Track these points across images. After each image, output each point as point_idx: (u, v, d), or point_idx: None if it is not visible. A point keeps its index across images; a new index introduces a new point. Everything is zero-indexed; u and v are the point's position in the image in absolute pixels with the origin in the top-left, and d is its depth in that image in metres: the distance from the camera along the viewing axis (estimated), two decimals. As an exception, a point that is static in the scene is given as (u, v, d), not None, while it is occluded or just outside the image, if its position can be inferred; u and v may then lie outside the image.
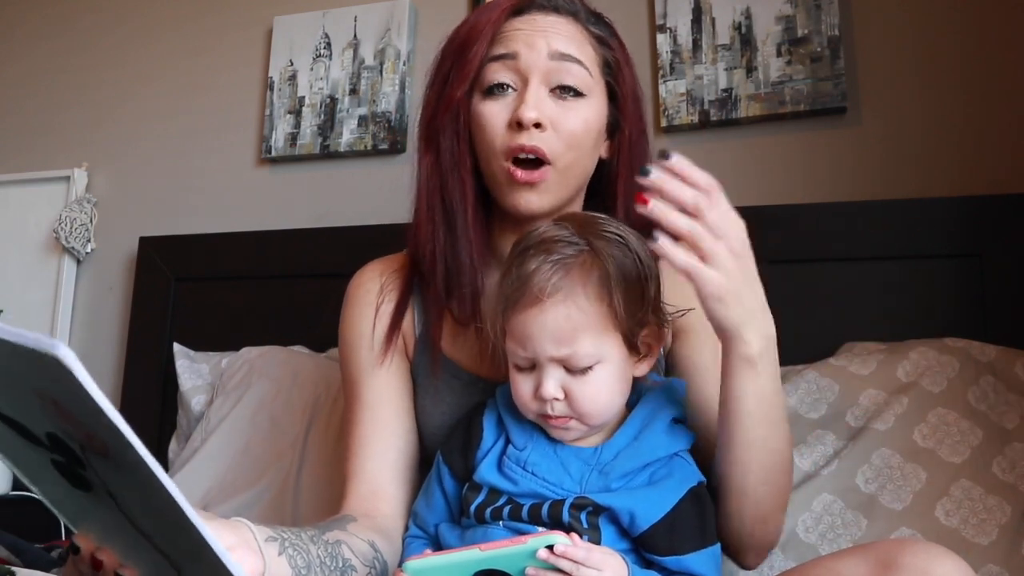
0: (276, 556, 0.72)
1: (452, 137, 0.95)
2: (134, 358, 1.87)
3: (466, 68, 0.93)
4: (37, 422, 0.48)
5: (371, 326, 1.02)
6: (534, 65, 0.92)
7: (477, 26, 0.94)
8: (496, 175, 0.93)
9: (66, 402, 0.43)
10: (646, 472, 0.80)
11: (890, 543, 0.73)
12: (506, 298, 0.80)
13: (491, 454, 0.85)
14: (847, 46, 1.57)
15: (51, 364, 0.39)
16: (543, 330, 0.76)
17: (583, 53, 0.94)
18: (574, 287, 0.76)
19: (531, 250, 0.79)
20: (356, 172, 1.88)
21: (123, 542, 0.57)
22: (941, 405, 1.18)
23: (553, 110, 0.92)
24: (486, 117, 0.93)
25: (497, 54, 0.93)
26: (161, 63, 2.11)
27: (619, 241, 0.80)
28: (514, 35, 0.93)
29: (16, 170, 2.16)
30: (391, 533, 0.92)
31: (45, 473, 0.53)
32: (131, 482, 0.48)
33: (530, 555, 0.67)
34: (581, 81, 0.93)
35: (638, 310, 0.79)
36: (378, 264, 1.08)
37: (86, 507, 0.55)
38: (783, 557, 1.12)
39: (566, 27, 0.95)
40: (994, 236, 1.36)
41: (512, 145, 0.91)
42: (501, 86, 0.93)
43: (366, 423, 0.99)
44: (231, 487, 1.43)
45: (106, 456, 0.47)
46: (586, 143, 0.94)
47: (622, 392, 0.81)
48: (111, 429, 0.43)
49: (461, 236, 0.96)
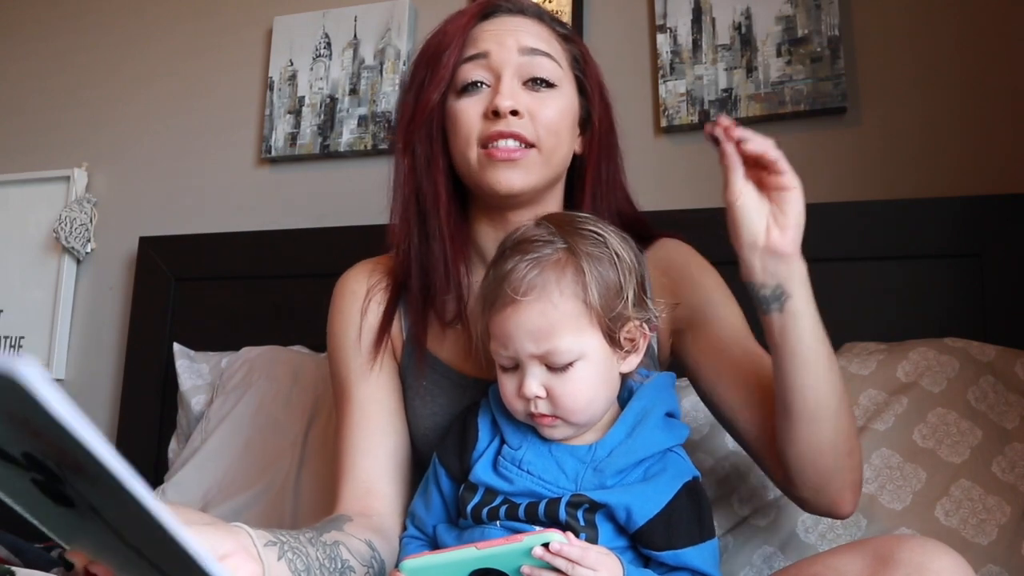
0: (275, 561, 0.72)
1: (426, 140, 0.97)
2: (134, 358, 1.87)
3: (440, 73, 0.95)
4: (13, 442, 0.47)
5: (358, 329, 1.03)
6: (506, 61, 0.94)
7: (448, 33, 0.97)
8: (471, 163, 0.94)
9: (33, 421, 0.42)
10: (641, 468, 0.81)
11: (887, 539, 0.73)
12: (485, 298, 0.82)
13: (486, 454, 0.85)
14: (847, 46, 1.57)
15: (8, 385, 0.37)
16: (520, 328, 0.77)
17: (551, 48, 0.97)
18: (548, 284, 0.77)
19: (508, 250, 0.81)
20: (356, 172, 1.88)
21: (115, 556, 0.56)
22: (941, 405, 1.18)
23: (528, 100, 0.94)
24: (461, 111, 0.95)
25: (469, 55, 0.96)
26: (161, 63, 2.11)
27: (596, 238, 0.81)
28: (484, 35, 0.96)
29: (16, 170, 2.16)
30: (387, 532, 0.92)
31: (29, 493, 0.52)
32: (108, 498, 0.47)
33: (526, 554, 0.67)
34: (552, 72, 0.96)
35: (616, 305, 0.79)
36: (365, 265, 1.09)
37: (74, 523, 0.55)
38: (783, 557, 1.12)
39: (533, 26, 0.98)
40: (994, 236, 1.36)
41: (490, 132, 0.92)
42: (475, 84, 0.95)
43: (357, 423, 1.00)
44: (231, 487, 1.43)
45: (80, 472, 0.46)
46: (564, 130, 0.96)
47: (606, 389, 0.81)
48: (79, 446, 0.41)
49: (434, 237, 0.97)
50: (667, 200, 1.58)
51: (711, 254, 1.05)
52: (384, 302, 1.04)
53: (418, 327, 1.00)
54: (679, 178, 1.63)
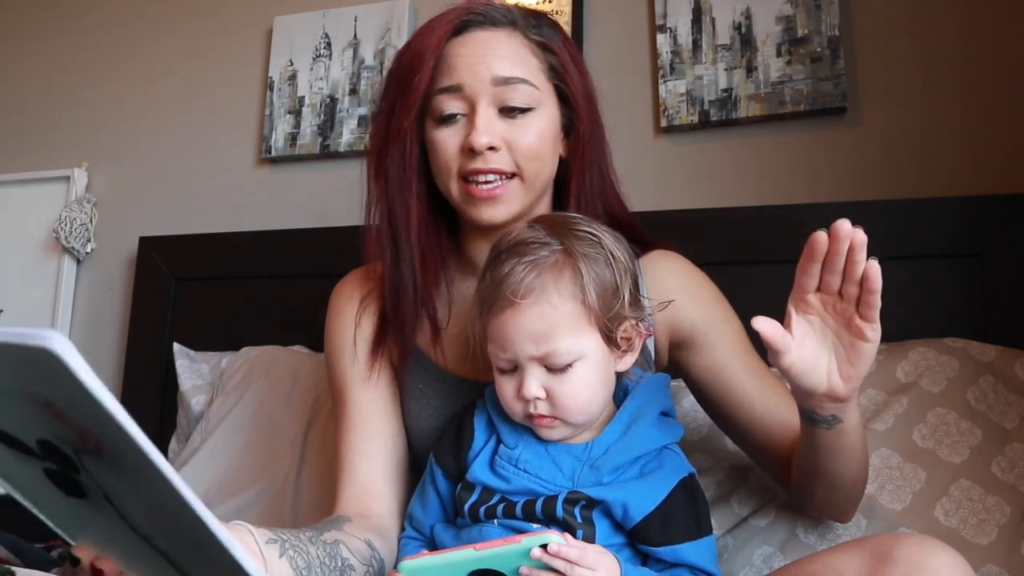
0: (277, 558, 0.72)
1: (399, 163, 0.97)
2: (134, 358, 1.87)
3: (411, 98, 0.94)
4: (27, 430, 0.47)
5: (352, 337, 1.04)
6: (480, 92, 0.92)
7: (419, 54, 0.94)
8: (454, 195, 0.95)
9: (60, 399, 0.42)
10: (637, 465, 0.81)
11: (886, 537, 0.73)
12: (482, 302, 0.82)
13: (483, 454, 0.85)
14: (847, 46, 1.57)
15: (42, 358, 0.37)
16: (519, 331, 0.78)
17: (527, 68, 0.94)
18: (546, 286, 0.77)
19: (504, 253, 0.81)
20: (356, 172, 1.84)
21: (123, 548, 0.56)
22: (940, 405, 1.18)
23: (504, 130, 0.93)
24: (439, 143, 0.94)
25: (442, 87, 0.94)
26: (161, 63, 2.11)
27: (592, 239, 0.81)
28: (456, 63, 0.93)
29: (16, 170, 2.17)
30: (387, 532, 0.93)
31: (38, 485, 0.52)
32: (129, 481, 0.47)
33: (524, 554, 0.67)
34: (528, 98, 0.93)
35: (613, 305, 0.80)
36: (359, 273, 1.10)
37: (83, 515, 0.55)
38: (783, 557, 1.12)
39: (506, 43, 0.94)
40: (994, 236, 1.36)
41: (468, 169, 0.92)
42: (452, 116, 0.94)
43: (355, 427, 1.00)
44: (231, 487, 1.43)
45: (101, 455, 0.46)
46: (544, 151, 0.95)
47: (604, 388, 0.82)
48: (109, 421, 0.41)
49: (404, 261, 0.97)
50: (667, 200, 1.58)
51: (709, 255, 1.06)
52: (377, 312, 1.04)
53: (410, 334, 1.01)
54: (679, 178, 1.63)
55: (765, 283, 1.04)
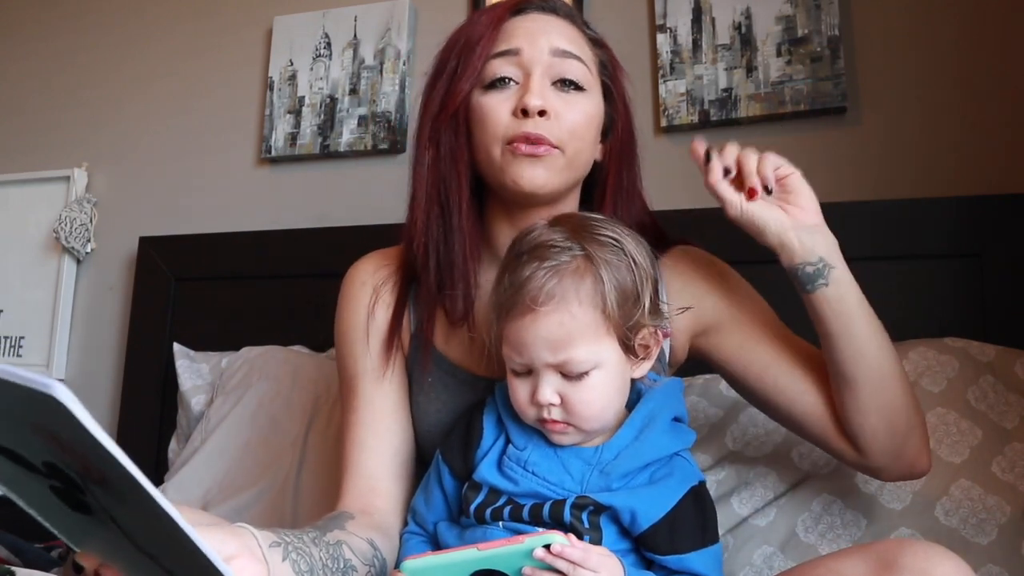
0: (280, 562, 0.72)
1: (452, 133, 0.96)
2: (134, 358, 1.87)
3: (472, 63, 0.95)
4: (34, 452, 0.48)
5: (365, 328, 1.02)
6: (537, 59, 0.94)
7: (481, 24, 0.97)
8: (495, 159, 0.93)
9: (64, 437, 0.44)
10: (647, 472, 0.80)
11: (890, 543, 0.73)
12: (500, 305, 0.80)
13: (491, 453, 0.85)
14: (847, 46, 1.57)
15: (47, 403, 0.39)
16: (538, 338, 0.77)
17: (582, 51, 0.97)
18: (567, 294, 0.76)
19: (524, 256, 0.79)
20: (356, 172, 1.88)
21: (127, 561, 0.57)
22: (941, 405, 1.18)
23: (556, 101, 0.93)
24: (488, 108, 0.94)
25: (500, 50, 0.95)
26: (161, 63, 2.11)
27: (614, 245, 0.80)
28: (516, 32, 0.96)
29: (16, 170, 2.17)
30: (389, 530, 0.92)
31: (45, 498, 0.52)
32: (131, 509, 0.48)
33: (527, 555, 0.67)
34: (582, 76, 0.95)
35: (633, 314, 0.79)
36: (373, 258, 1.08)
37: (88, 528, 0.55)
38: (783, 557, 1.12)
39: (565, 27, 0.98)
40: (994, 236, 1.36)
41: (517, 133, 0.91)
42: (503, 80, 0.94)
43: (363, 420, 1.00)
44: (231, 487, 1.43)
45: (104, 484, 0.47)
46: (588, 135, 0.96)
47: (619, 396, 0.81)
48: (110, 462, 0.43)
49: (455, 229, 0.96)
50: (667, 200, 1.58)
51: (715, 254, 1.06)
52: (392, 303, 1.02)
53: (426, 325, 1.00)
54: (679, 178, 1.63)
55: (765, 283, 1.04)
